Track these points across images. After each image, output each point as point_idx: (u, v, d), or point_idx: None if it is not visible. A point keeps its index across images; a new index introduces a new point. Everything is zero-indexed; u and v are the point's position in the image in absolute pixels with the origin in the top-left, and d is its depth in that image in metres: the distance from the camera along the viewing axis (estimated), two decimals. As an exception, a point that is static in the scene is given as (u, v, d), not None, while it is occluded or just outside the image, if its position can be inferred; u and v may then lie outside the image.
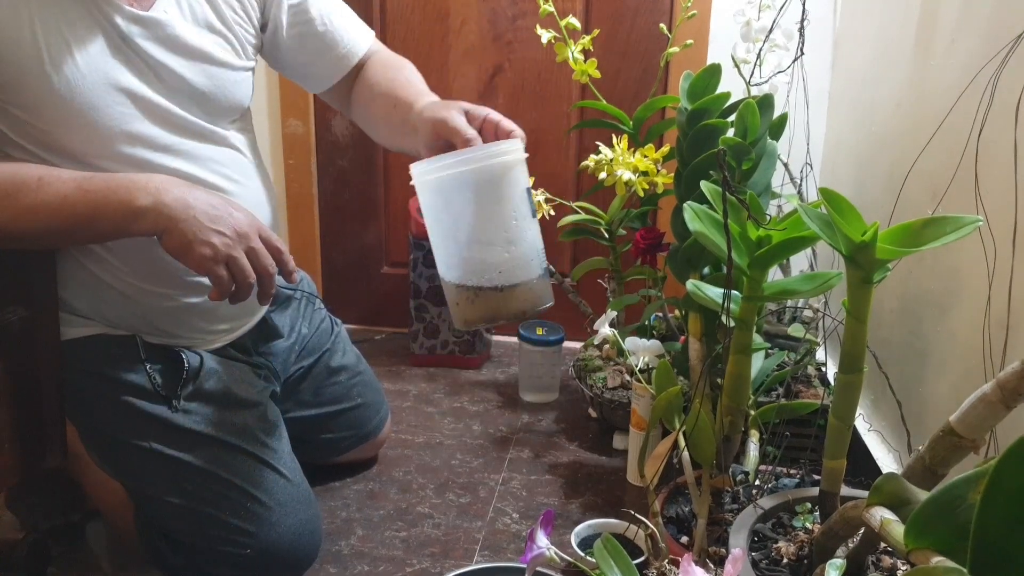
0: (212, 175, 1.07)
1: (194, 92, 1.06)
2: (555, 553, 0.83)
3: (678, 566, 0.67)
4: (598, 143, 1.44)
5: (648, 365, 1.32)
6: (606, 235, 1.57)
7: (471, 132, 1.00)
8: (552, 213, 1.51)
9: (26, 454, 1.00)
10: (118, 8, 0.98)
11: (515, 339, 1.64)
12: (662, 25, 1.63)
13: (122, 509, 1.11)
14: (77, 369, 1.04)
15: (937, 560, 0.51)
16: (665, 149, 1.40)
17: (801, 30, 1.32)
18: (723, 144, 1.12)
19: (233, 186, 1.10)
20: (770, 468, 1.04)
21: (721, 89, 1.25)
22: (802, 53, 1.32)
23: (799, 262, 1.49)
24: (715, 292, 0.96)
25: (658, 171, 1.39)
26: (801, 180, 1.51)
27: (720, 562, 0.92)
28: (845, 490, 0.83)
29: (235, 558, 1.04)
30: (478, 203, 0.94)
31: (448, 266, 0.97)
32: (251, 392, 1.13)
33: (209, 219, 0.94)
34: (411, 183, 0.96)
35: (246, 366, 1.17)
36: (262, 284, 0.97)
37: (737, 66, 1.32)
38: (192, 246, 0.93)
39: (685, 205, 0.94)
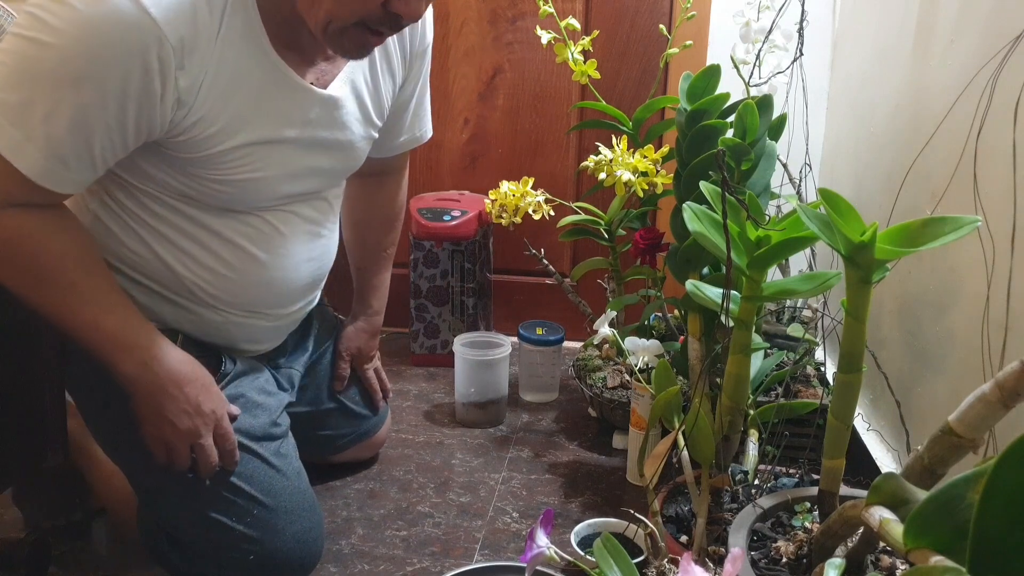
0: (323, 227, 1.14)
1: (333, 170, 1.11)
2: (555, 552, 0.83)
3: (677, 565, 0.67)
4: (598, 144, 1.44)
5: (647, 365, 1.32)
6: (606, 235, 1.57)
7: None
8: (552, 213, 1.51)
9: (27, 453, 1.00)
10: (308, 92, 0.99)
11: (515, 339, 1.64)
12: (662, 26, 1.63)
13: (126, 505, 1.11)
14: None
15: (936, 559, 0.51)
16: (664, 150, 1.40)
17: (800, 31, 1.32)
18: (722, 145, 1.12)
19: (330, 234, 1.17)
20: (769, 467, 1.05)
21: (720, 90, 1.26)
22: (801, 54, 1.32)
23: (798, 262, 1.49)
24: (714, 292, 0.96)
25: (657, 172, 1.40)
26: (800, 180, 1.51)
27: (719, 561, 0.92)
28: (844, 489, 0.83)
29: (239, 561, 1.04)
30: None
31: None
32: (268, 400, 1.13)
33: (174, 408, 0.97)
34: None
35: (269, 373, 1.18)
36: (219, 462, 1.02)
37: (736, 67, 1.32)
38: (154, 420, 0.97)
39: (684, 205, 0.94)
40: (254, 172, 0.99)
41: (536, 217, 1.49)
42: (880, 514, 0.62)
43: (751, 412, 1.10)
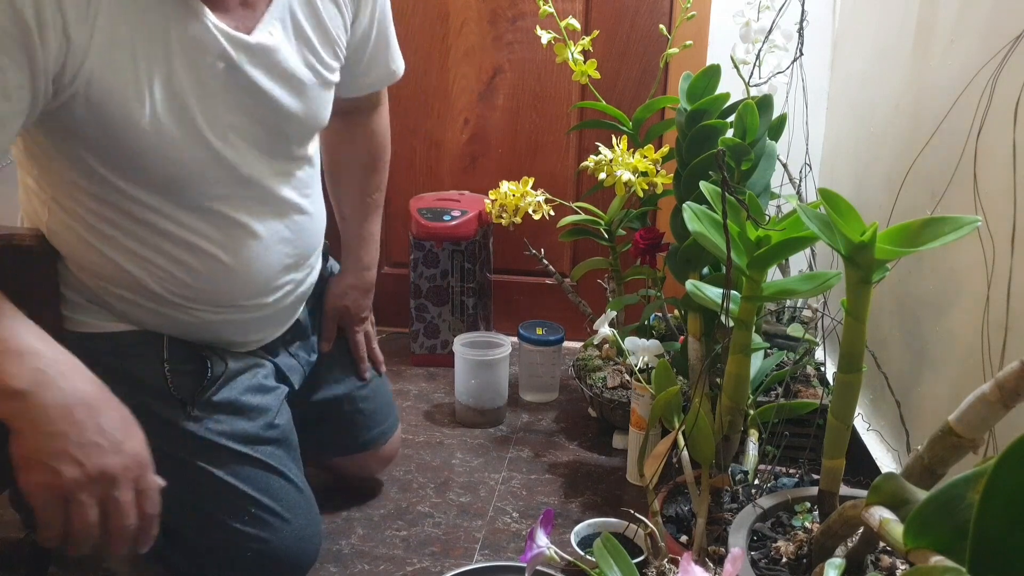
0: (296, 195, 1.06)
1: (290, 118, 1.01)
2: (555, 552, 0.83)
3: (677, 565, 0.67)
4: (598, 144, 1.44)
5: (647, 365, 1.33)
6: (606, 235, 1.57)
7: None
8: (552, 213, 1.51)
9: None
10: (225, 34, 0.91)
11: (515, 339, 1.64)
12: (662, 26, 1.63)
13: None
14: (93, 361, 0.92)
15: (936, 559, 0.51)
16: (664, 150, 1.40)
17: (800, 31, 1.32)
18: (722, 145, 1.12)
19: (309, 204, 1.09)
20: (769, 467, 1.05)
21: (720, 90, 1.26)
22: (801, 54, 1.32)
23: (798, 262, 1.49)
24: (714, 292, 0.96)
25: (657, 172, 1.40)
26: (800, 180, 1.51)
27: (719, 561, 0.92)
28: (844, 489, 0.83)
29: (238, 561, 1.03)
30: None
31: None
32: (263, 399, 1.09)
33: (78, 444, 0.76)
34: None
35: (270, 366, 1.13)
36: (110, 541, 0.80)
37: (736, 67, 1.32)
38: (32, 464, 0.75)
39: (684, 205, 0.94)
40: (184, 145, 0.91)
41: (536, 217, 1.49)
42: (880, 514, 0.62)
43: (751, 412, 1.10)
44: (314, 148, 1.12)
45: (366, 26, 1.12)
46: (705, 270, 1.22)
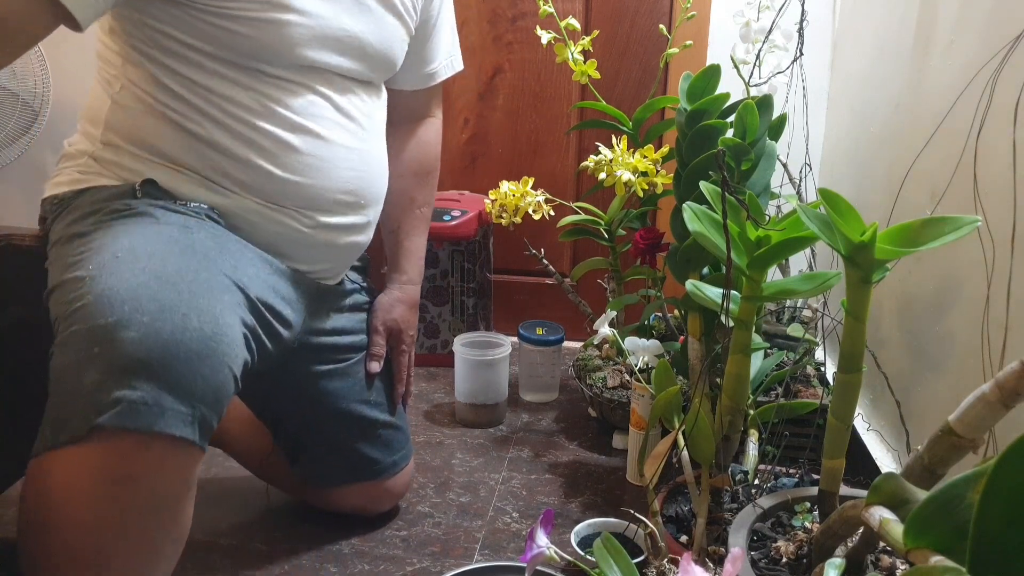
0: (361, 122, 1.07)
1: (365, 49, 1.04)
2: (555, 552, 0.83)
3: (677, 565, 0.67)
4: (598, 144, 1.44)
5: (647, 365, 1.33)
6: (606, 235, 1.57)
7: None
8: (552, 213, 1.51)
9: (26, 455, 1.00)
10: None
11: (515, 339, 1.64)
12: (662, 26, 1.63)
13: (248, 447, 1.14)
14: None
15: (936, 559, 0.51)
16: (664, 150, 1.40)
17: (800, 31, 1.32)
18: (722, 145, 1.12)
19: (371, 146, 1.09)
20: (769, 467, 1.05)
21: (720, 90, 1.26)
22: (801, 54, 1.32)
23: (798, 262, 1.49)
24: (714, 292, 0.96)
25: (657, 172, 1.40)
26: (800, 180, 1.51)
27: (719, 561, 0.92)
28: (844, 489, 0.83)
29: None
30: None
31: None
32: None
33: None
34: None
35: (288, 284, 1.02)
36: None
37: (736, 67, 1.32)
38: None
39: (684, 205, 0.94)
40: (275, 12, 0.93)
41: (536, 217, 1.49)
42: (880, 514, 0.61)
43: (751, 412, 1.10)
44: (382, 100, 1.14)
45: (437, 4, 1.19)
46: (705, 270, 1.22)
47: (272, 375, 1.08)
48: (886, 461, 1.12)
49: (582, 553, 1.06)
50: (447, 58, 1.26)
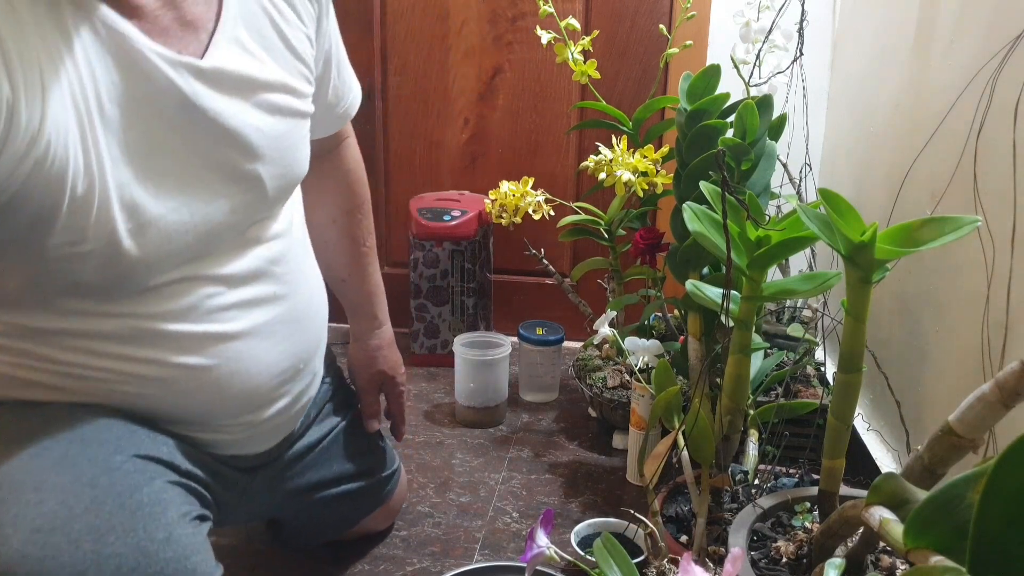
0: (277, 285, 0.87)
1: (258, 188, 0.82)
2: (555, 552, 0.83)
3: (677, 565, 0.67)
4: (598, 144, 1.44)
5: (647, 365, 1.33)
6: (606, 235, 1.57)
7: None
8: (552, 213, 1.51)
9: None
10: (181, 66, 0.72)
11: (515, 339, 1.64)
12: (662, 26, 1.63)
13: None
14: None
15: (936, 559, 0.51)
16: (664, 150, 1.40)
17: (800, 31, 1.32)
18: (722, 145, 1.12)
19: (288, 289, 0.88)
20: (769, 467, 1.05)
21: (720, 90, 1.26)
22: (801, 54, 1.32)
23: (798, 262, 1.49)
24: (714, 292, 0.96)
25: (657, 172, 1.40)
26: (800, 180, 1.51)
27: (719, 561, 0.92)
28: (844, 489, 0.83)
29: None
30: None
31: None
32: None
33: None
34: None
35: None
36: None
37: (736, 67, 1.32)
38: None
39: (684, 205, 0.94)
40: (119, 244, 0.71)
41: (536, 217, 1.49)
42: (880, 514, 0.62)
43: (751, 412, 1.10)
44: (295, 216, 0.94)
45: (328, 38, 0.95)
46: (705, 270, 1.22)
47: (246, 496, 0.96)
48: (886, 461, 1.12)
49: (582, 553, 1.06)
50: (353, 85, 1.06)
